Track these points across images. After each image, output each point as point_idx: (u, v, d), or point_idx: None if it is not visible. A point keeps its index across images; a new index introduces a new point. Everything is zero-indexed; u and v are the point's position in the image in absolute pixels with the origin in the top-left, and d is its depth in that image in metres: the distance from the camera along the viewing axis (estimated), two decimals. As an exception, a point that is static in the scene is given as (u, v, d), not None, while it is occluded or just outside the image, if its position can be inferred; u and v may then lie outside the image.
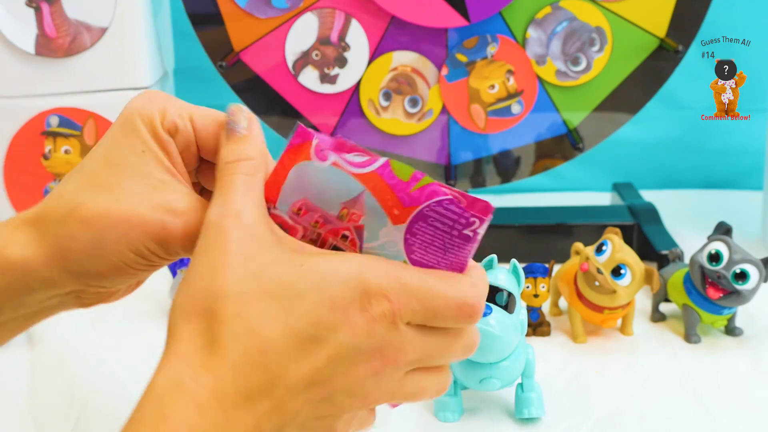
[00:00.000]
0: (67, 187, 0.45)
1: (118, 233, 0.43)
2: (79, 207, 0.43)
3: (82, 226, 0.43)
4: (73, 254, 0.43)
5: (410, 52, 0.91)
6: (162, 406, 0.40)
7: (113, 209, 0.43)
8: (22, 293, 0.44)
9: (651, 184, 1.18)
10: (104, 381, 0.72)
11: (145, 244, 0.43)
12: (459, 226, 0.43)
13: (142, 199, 0.43)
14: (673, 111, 1.17)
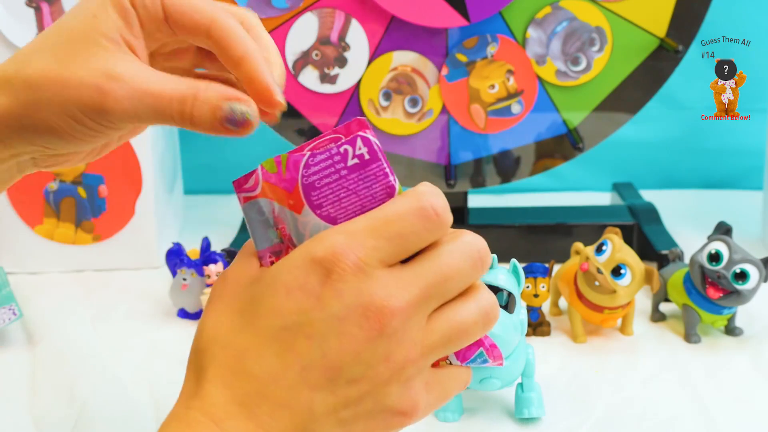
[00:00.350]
0: (24, 48, 0.44)
1: (53, 93, 0.42)
2: (25, 67, 0.43)
3: (24, 84, 0.43)
4: (15, 112, 0.43)
5: (410, 52, 0.91)
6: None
7: (52, 70, 0.42)
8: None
9: (651, 184, 1.18)
10: (104, 381, 0.73)
11: (79, 107, 0.42)
12: (341, 164, 0.40)
13: (81, 61, 0.42)
14: (673, 111, 1.17)
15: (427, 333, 0.39)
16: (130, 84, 0.42)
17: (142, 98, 0.42)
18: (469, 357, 0.43)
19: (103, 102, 0.42)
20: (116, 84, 0.41)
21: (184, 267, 0.83)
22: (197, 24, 0.43)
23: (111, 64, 0.42)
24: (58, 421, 0.67)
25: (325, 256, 0.38)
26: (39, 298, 0.88)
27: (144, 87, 0.42)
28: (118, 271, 0.96)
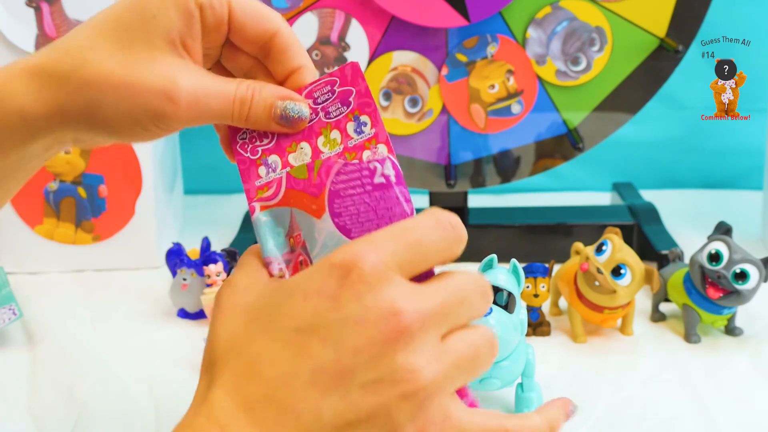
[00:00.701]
0: (74, 42, 0.44)
1: (118, 99, 0.43)
2: (83, 66, 0.43)
3: (84, 86, 0.43)
4: (72, 111, 0.44)
5: (410, 52, 0.91)
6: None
7: (117, 73, 0.43)
8: (25, 141, 0.45)
9: (651, 184, 1.18)
10: (104, 381, 0.73)
11: (145, 113, 0.43)
12: (368, 179, 0.42)
13: (147, 67, 0.43)
14: (673, 111, 1.17)
15: (442, 353, 0.38)
16: (198, 91, 0.43)
17: (208, 102, 0.43)
18: None
19: (171, 110, 0.43)
20: (182, 92, 0.43)
21: (184, 267, 0.83)
22: (264, 31, 0.45)
23: (175, 71, 0.43)
24: (58, 421, 0.67)
25: (344, 258, 0.37)
26: (39, 298, 0.88)
27: (208, 90, 0.43)
28: (118, 271, 0.96)
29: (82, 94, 0.43)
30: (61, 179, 0.94)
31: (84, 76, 0.43)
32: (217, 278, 0.81)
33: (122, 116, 0.43)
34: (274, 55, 0.46)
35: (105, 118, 0.43)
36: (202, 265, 0.82)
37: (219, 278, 0.82)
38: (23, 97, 0.44)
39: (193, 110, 0.43)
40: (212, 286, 0.81)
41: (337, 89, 0.45)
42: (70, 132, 0.45)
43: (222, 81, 0.44)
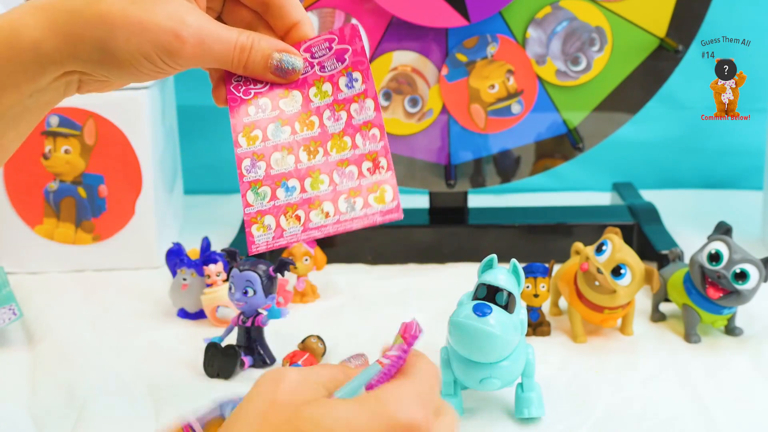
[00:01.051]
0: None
1: (131, 33, 0.45)
2: (97, 2, 0.46)
3: (98, 20, 0.45)
4: (84, 44, 0.46)
5: (410, 52, 0.91)
6: None
7: (130, 10, 0.45)
8: (37, 75, 0.46)
9: (651, 184, 1.18)
10: (104, 381, 0.73)
11: (155, 49, 0.46)
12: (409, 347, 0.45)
13: (158, 6, 0.46)
14: (673, 111, 1.17)
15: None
16: (203, 32, 0.46)
17: (211, 45, 0.47)
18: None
19: (179, 46, 0.46)
20: (191, 31, 0.46)
21: (184, 267, 0.83)
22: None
23: (184, 12, 0.46)
24: (58, 421, 0.67)
25: (410, 423, 0.39)
26: (39, 298, 0.88)
27: (213, 34, 0.47)
28: (118, 271, 0.96)
29: (94, 28, 0.45)
30: (61, 179, 0.94)
31: (97, 10, 0.45)
32: (217, 278, 0.81)
33: (132, 51, 0.46)
34: (273, 10, 0.49)
35: (115, 52, 0.46)
36: (202, 265, 0.82)
37: (219, 278, 0.82)
38: (36, 31, 0.46)
39: (197, 50, 0.46)
40: (212, 286, 0.81)
41: (335, 46, 0.50)
42: (80, 65, 0.46)
43: (225, 28, 0.48)
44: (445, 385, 0.66)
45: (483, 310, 0.62)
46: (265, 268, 0.73)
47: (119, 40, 0.45)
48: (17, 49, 0.46)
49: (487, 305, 0.62)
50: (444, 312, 0.69)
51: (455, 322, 0.63)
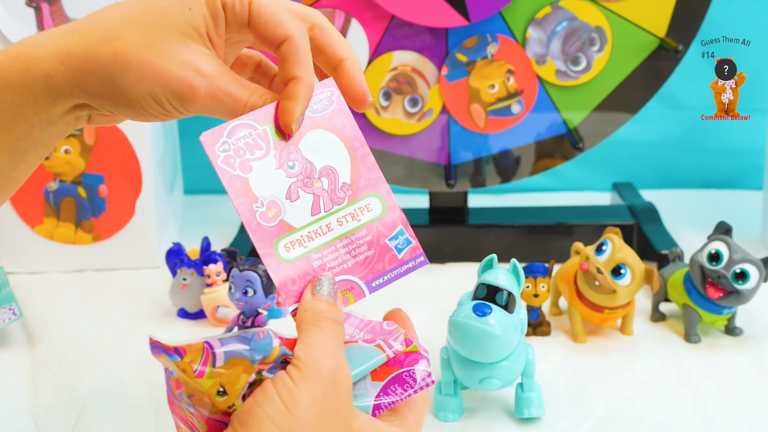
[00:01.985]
0: (106, 16, 0.47)
1: (143, 75, 0.45)
2: (114, 39, 0.45)
3: (111, 57, 0.45)
4: (94, 80, 0.45)
5: (410, 52, 0.91)
6: None
7: (145, 52, 0.45)
8: (47, 106, 0.46)
9: (651, 183, 1.18)
10: (104, 381, 0.73)
11: (165, 94, 0.45)
12: (419, 390, 0.47)
13: (174, 51, 0.45)
14: (673, 111, 1.17)
15: None
16: (216, 84, 0.46)
17: (222, 98, 0.46)
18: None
19: (190, 96, 0.45)
20: (204, 81, 0.45)
21: (184, 267, 0.83)
22: (275, 36, 0.48)
23: (201, 61, 0.46)
24: (58, 421, 0.67)
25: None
26: (39, 298, 0.88)
27: (226, 89, 0.46)
28: (118, 271, 0.96)
29: (109, 65, 0.45)
30: (61, 179, 0.94)
31: (113, 49, 0.45)
32: (217, 278, 0.81)
33: (143, 92, 0.45)
34: (280, 61, 0.48)
35: (125, 91, 0.45)
36: (202, 265, 0.82)
37: (219, 278, 0.82)
38: (49, 63, 0.45)
39: (207, 102, 0.46)
40: (212, 286, 0.81)
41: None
42: (89, 99, 0.46)
43: (239, 84, 0.47)
44: (445, 385, 0.66)
45: (483, 310, 0.62)
46: (265, 268, 0.73)
47: (130, 79, 0.45)
48: (29, 80, 0.45)
49: (487, 305, 0.62)
50: (444, 312, 0.69)
51: (455, 322, 0.63)
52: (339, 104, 0.49)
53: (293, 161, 0.48)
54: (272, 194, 0.48)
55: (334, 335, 0.45)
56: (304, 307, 0.46)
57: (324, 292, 0.47)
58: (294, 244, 0.48)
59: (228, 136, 0.47)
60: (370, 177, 0.49)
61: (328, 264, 0.48)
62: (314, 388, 0.43)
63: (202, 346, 0.43)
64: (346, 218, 0.48)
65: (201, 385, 0.43)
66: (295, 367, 0.43)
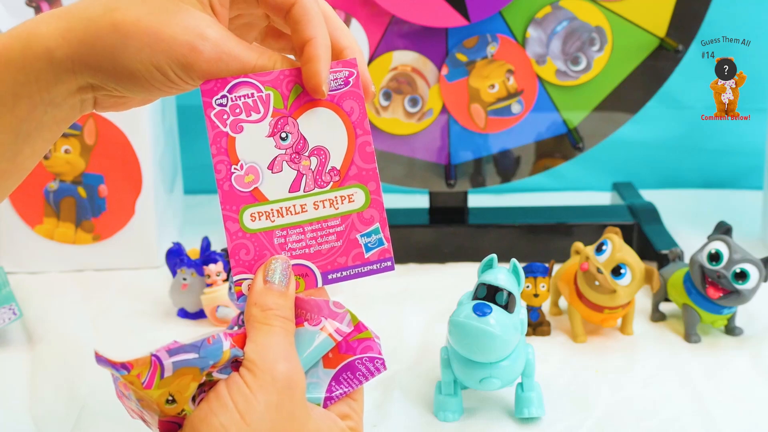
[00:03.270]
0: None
1: (144, 44, 0.44)
2: (114, 10, 0.45)
3: (111, 28, 0.44)
4: (97, 54, 0.45)
5: (410, 52, 0.91)
6: None
7: (144, 20, 0.44)
8: (50, 84, 0.45)
9: (651, 183, 1.18)
10: (104, 381, 0.72)
11: (167, 61, 0.44)
12: (371, 376, 0.47)
13: (175, 17, 0.44)
14: (673, 111, 1.17)
15: None
16: (220, 47, 0.45)
17: (228, 61, 0.45)
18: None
19: (194, 59, 0.44)
20: (208, 44, 0.44)
21: (184, 267, 0.83)
22: (283, 1, 0.47)
23: (203, 26, 0.45)
24: (58, 421, 0.67)
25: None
26: (39, 298, 0.88)
27: (232, 52, 0.45)
28: (118, 270, 0.96)
29: (109, 36, 0.44)
30: (61, 179, 0.94)
31: (113, 19, 0.44)
32: (217, 278, 0.81)
33: (144, 62, 0.44)
34: (291, 25, 0.47)
35: (126, 62, 0.44)
36: (202, 265, 0.82)
37: (219, 278, 0.82)
38: (50, 40, 0.45)
39: (213, 66, 0.45)
40: (212, 285, 0.81)
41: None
42: (91, 74, 0.45)
43: (246, 47, 0.46)
44: (445, 385, 0.66)
45: (483, 309, 0.62)
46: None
47: (131, 49, 0.44)
48: (30, 57, 0.45)
49: (487, 305, 0.62)
50: (444, 312, 0.69)
51: (455, 321, 0.63)
52: (353, 86, 0.47)
53: (287, 133, 0.47)
54: (254, 160, 0.46)
55: (285, 334, 0.45)
56: (255, 299, 0.46)
57: (275, 278, 0.46)
58: (261, 216, 0.46)
59: (229, 91, 0.46)
60: (362, 167, 0.47)
61: (289, 244, 0.47)
62: (270, 396, 0.42)
63: (149, 359, 0.42)
64: (324, 203, 0.47)
65: (149, 395, 0.42)
66: (250, 372, 0.43)
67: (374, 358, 0.47)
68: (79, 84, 0.46)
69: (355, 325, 0.47)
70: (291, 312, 0.46)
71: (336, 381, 0.47)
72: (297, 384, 0.44)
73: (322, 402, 0.47)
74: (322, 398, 0.47)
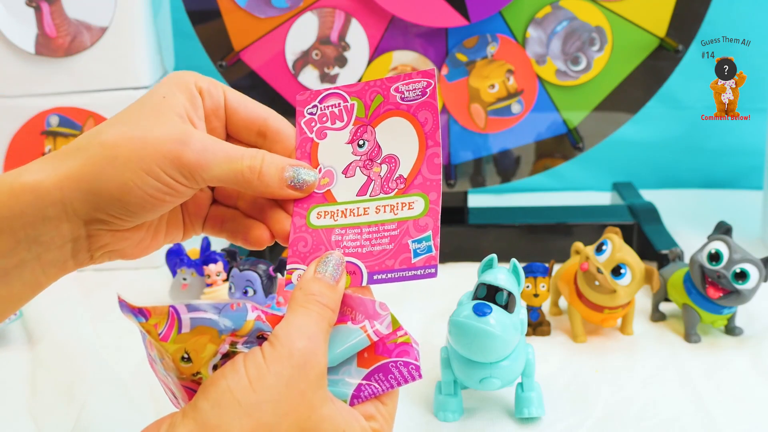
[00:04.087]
0: (95, 127, 0.47)
1: (130, 151, 0.44)
2: (99, 134, 0.45)
3: (99, 148, 0.45)
4: (86, 173, 0.44)
5: (410, 52, 0.91)
6: None
7: (128, 132, 0.45)
8: (37, 222, 0.44)
9: (651, 183, 1.18)
10: (104, 381, 0.73)
11: (157, 161, 0.44)
12: (404, 382, 0.47)
13: (160, 126, 0.45)
14: (673, 111, 1.17)
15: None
16: (206, 142, 0.46)
17: (215, 151, 0.46)
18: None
19: (182, 152, 0.45)
20: (193, 138, 0.45)
21: (184, 267, 0.83)
22: (256, 115, 0.49)
23: (186, 128, 0.46)
24: (58, 421, 0.67)
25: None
26: (39, 298, 0.87)
27: (218, 146, 0.46)
28: (118, 271, 0.96)
29: (98, 156, 0.44)
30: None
31: (100, 140, 0.45)
32: (217, 278, 0.81)
33: (136, 170, 0.44)
34: (271, 136, 0.49)
35: (120, 175, 0.44)
36: (202, 265, 0.82)
37: (219, 278, 0.82)
38: (38, 174, 0.45)
39: (202, 156, 0.45)
40: (212, 285, 0.81)
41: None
42: (83, 205, 0.45)
43: (231, 145, 0.47)
44: (445, 385, 0.66)
45: (483, 309, 0.62)
46: (265, 268, 0.73)
47: (120, 160, 0.44)
48: (17, 190, 0.44)
49: (487, 305, 0.62)
50: (444, 312, 0.69)
51: (455, 321, 0.63)
52: (430, 97, 0.49)
53: (365, 140, 0.49)
54: (332, 165, 0.49)
55: (319, 319, 0.45)
56: (301, 284, 0.46)
57: (327, 272, 0.47)
58: (326, 214, 0.49)
59: (320, 101, 0.49)
60: (427, 177, 0.48)
61: (344, 242, 0.48)
62: (282, 369, 0.42)
63: (167, 309, 0.42)
64: (385, 208, 0.48)
65: (165, 348, 0.43)
66: (270, 345, 0.43)
67: (409, 364, 0.47)
68: (69, 218, 0.45)
69: (394, 329, 0.47)
70: (335, 304, 0.46)
71: (367, 381, 0.47)
72: (313, 365, 0.43)
73: (348, 399, 0.47)
74: (349, 395, 0.47)
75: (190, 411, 0.43)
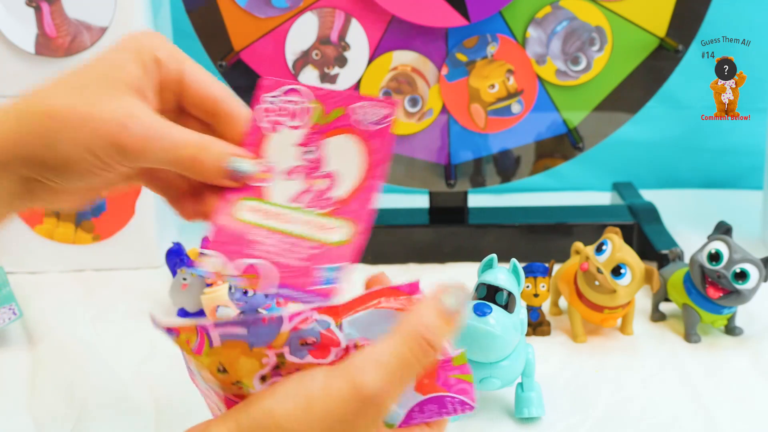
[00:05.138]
0: (41, 87, 0.46)
1: (75, 127, 0.44)
2: (45, 99, 0.45)
3: (46, 115, 0.44)
4: (28, 143, 0.44)
5: (410, 52, 0.91)
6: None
7: (75, 105, 0.44)
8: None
9: (651, 183, 1.18)
10: (104, 381, 0.73)
11: (98, 141, 0.44)
12: (454, 413, 0.46)
13: (107, 102, 0.44)
14: (673, 111, 1.17)
15: None
16: (149, 126, 0.45)
17: (158, 140, 0.45)
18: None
19: (123, 137, 0.44)
20: (136, 121, 0.44)
21: (184, 267, 0.83)
22: (211, 93, 0.48)
23: (131, 107, 0.45)
24: (58, 421, 0.67)
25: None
26: (39, 298, 0.88)
27: (161, 131, 0.45)
28: (118, 270, 0.96)
29: (40, 124, 0.44)
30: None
31: (44, 108, 0.44)
32: (217, 278, 0.81)
33: (79, 147, 0.44)
34: (223, 118, 0.48)
35: (64, 149, 0.44)
36: (202, 265, 0.82)
37: (219, 278, 0.82)
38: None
39: (142, 142, 0.44)
40: (212, 285, 0.81)
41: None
42: (25, 169, 0.45)
43: (176, 126, 0.46)
44: (445, 385, 0.66)
45: (483, 309, 0.62)
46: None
47: (63, 133, 0.44)
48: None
49: (487, 305, 0.62)
50: (444, 312, 0.68)
51: (455, 321, 0.63)
52: (385, 128, 0.47)
53: (314, 149, 0.48)
54: (276, 162, 0.48)
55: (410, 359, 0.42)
56: (418, 310, 0.43)
57: (452, 303, 0.44)
58: (254, 210, 0.47)
59: (283, 93, 0.48)
60: (360, 208, 0.47)
61: (264, 245, 0.47)
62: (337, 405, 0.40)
63: (195, 328, 0.42)
64: (310, 224, 0.47)
65: (201, 361, 0.43)
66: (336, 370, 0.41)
67: (465, 403, 0.46)
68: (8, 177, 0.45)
69: (459, 364, 0.46)
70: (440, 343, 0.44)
71: (419, 408, 0.46)
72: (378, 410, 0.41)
73: (400, 420, 0.45)
74: (401, 415, 0.45)
75: (228, 421, 0.42)
